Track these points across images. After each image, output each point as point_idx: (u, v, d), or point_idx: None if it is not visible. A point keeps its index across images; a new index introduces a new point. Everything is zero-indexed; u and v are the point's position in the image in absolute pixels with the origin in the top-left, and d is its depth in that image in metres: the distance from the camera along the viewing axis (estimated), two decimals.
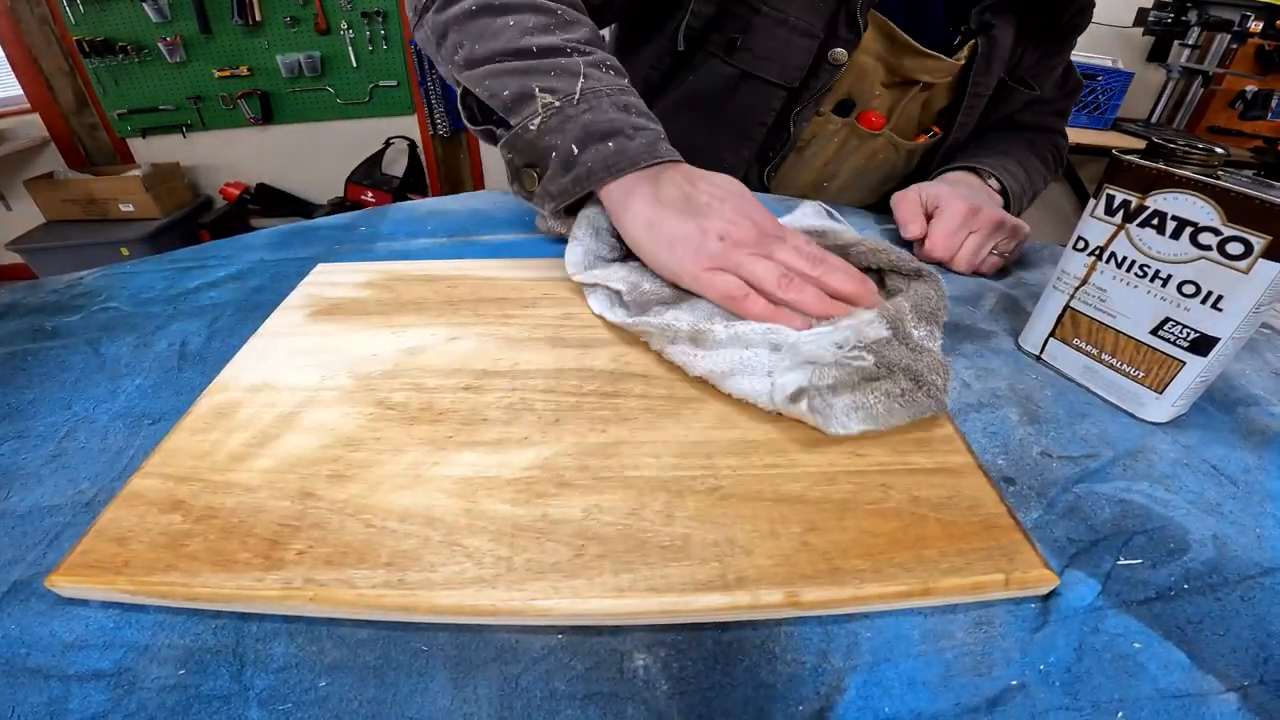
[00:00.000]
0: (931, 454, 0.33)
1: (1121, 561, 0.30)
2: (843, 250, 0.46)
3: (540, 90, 0.45)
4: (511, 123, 0.47)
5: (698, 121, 0.73)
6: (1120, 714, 0.24)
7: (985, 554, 0.28)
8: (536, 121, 0.45)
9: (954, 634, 0.27)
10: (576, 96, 0.45)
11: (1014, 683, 0.25)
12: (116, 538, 0.28)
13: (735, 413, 0.36)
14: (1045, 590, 0.28)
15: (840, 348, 0.36)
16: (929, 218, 0.60)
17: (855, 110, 0.74)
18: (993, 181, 0.70)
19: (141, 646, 0.25)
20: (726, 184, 0.46)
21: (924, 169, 0.82)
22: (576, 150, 0.44)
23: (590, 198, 0.48)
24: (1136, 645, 0.26)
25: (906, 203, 0.62)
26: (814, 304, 0.40)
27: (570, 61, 0.47)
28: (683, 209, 0.44)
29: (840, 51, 0.67)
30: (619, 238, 0.48)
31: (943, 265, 0.58)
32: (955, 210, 0.57)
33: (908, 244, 0.61)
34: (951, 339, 0.46)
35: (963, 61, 0.71)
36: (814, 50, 0.67)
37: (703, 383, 0.38)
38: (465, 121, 0.54)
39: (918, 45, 0.67)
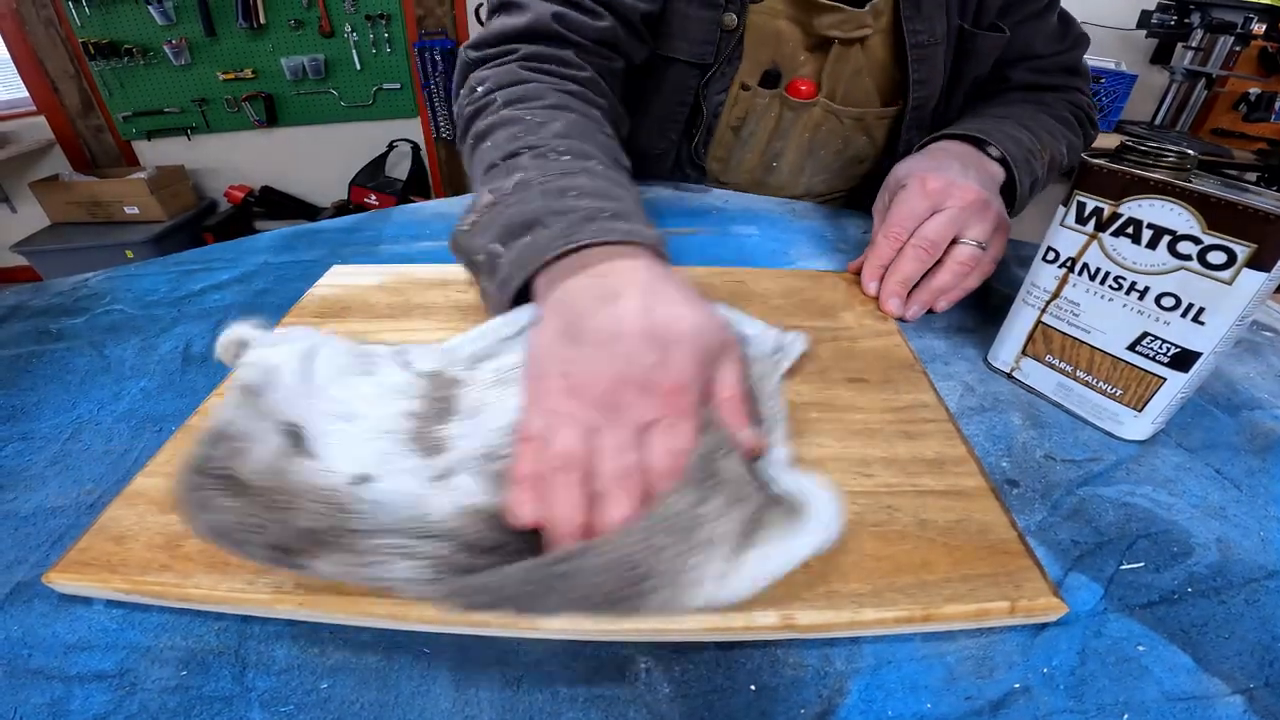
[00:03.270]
0: (943, 476, 0.33)
1: (1125, 565, 0.30)
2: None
3: (486, 191, 0.42)
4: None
5: (631, 113, 0.70)
6: (1125, 716, 0.24)
7: (991, 580, 0.27)
8: (469, 221, 0.41)
9: (955, 637, 0.26)
10: (508, 190, 0.41)
11: (1017, 686, 0.25)
12: (115, 536, 0.28)
13: None
14: (1053, 618, 0.27)
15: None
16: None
17: (783, 81, 0.70)
18: (991, 150, 0.57)
19: (143, 648, 0.25)
20: (661, 310, 0.31)
21: (894, 146, 0.76)
22: (499, 249, 0.38)
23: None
24: (1140, 648, 0.26)
25: (876, 209, 0.55)
26: (561, 513, 0.26)
27: (517, 161, 0.44)
28: (566, 326, 0.32)
29: (730, 17, 0.64)
30: None
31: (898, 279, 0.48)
32: (914, 191, 0.49)
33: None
34: (954, 342, 0.46)
35: (873, 11, 0.64)
36: (717, 21, 0.65)
37: None
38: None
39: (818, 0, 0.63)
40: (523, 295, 0.37)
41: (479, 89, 0.54)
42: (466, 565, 0.25)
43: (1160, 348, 0.34)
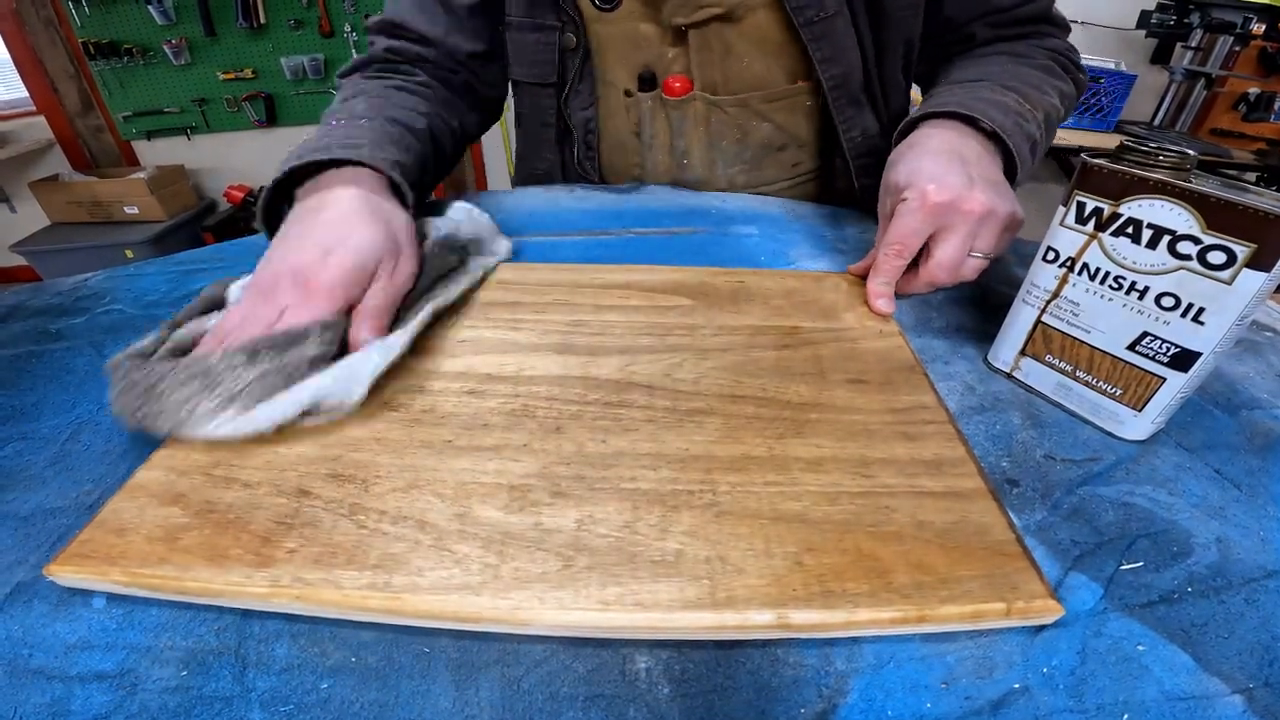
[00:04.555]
0: (941, 477, 0.32)
1: (1124, 565, 0.30)
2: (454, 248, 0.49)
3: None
4: None
5: (520, 138, 0.79)
6: (1126, 716, 0.24)
7: (987, 581, 0.27)
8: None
9: (956, 637, 0.26)
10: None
11: (1016, 686, 0.25)
12: (116, 529, 0.28)
13: (739, 428, 0.36)
14: (1049, 620, 0.27)
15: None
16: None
17: (659, 81, 0.70)
18: (983, 125, 0.52)
19: (144, 648, 0.25)
20: (309, 235, 0.41)
21: (830, 129, 0.70)
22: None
23: None
24: (1140, 648, 0.26)
25: (881, 213, 0.52)
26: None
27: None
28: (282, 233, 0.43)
29: (569, 37, 0.68)
30: None
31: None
32: (915, 206, 0.46)
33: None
34: (954, 341, 0.46)
35: None
36: (554, 42, 0.68)
37: (708, 396, 0.38)
38: None
39: None
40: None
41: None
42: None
43: (1160, 347, 0.34)
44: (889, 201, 0.51)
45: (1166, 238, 0.33)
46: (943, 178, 0.46)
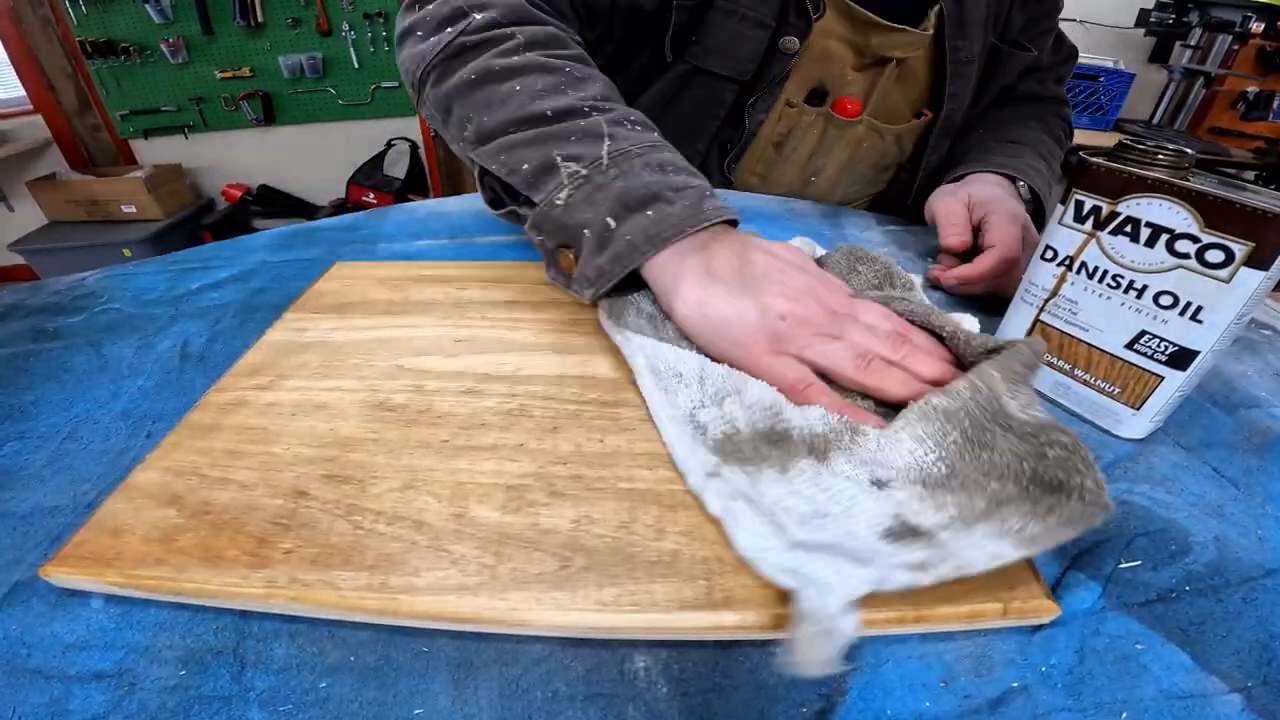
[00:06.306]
0: None
1: (1123, 564, 0.30)
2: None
3: (563, 159, 0.41)
4: (536, 200, 0.42)
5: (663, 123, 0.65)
6: (1124, 715, 0.24)
7: (984, 581, 0.26)
8: (564, 195, 0.40)
9: (954, 636, 0.26)
10: (605, 161, 0.40)
11: (1015, 684, 0.25)
12: (112, 530, 0.28)
13: None
14: (1046, 620, 0.27)
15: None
16: (976, 229, 0.56)
17: (829, 99, 0.71)
18: (1022, 188, 0.65)
19: (142, 647, 0.25)
20: (783, 252, 0.40)
21: (920, 153, 0.78)
22: (613, 223, 0.39)
23: (632, 276, 0.41)
24: (1139, 646, 0.26)
25: (952, 209, 0.57)
26: (898, 389, 0.34)
27: (591, 122, 0.42)
28: (736, 282, 0.37)
29: (791, 40, 0.64)
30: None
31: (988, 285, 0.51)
32: (1011, 219, 0.54)
33: (940, 254, 0.58)
34: None
35: (932, 30, 0.66)
36: (765, 40, 0.64)
37: None
38: (486, 205, 0.49)
39: (881, 20, 0.63)
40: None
41: (478, 16, 0.48)
42: None
43: (1158, 346, 0.34)
44: (965, 211, 0.57)
45: (1165, 236, 0.33)
46: (1018, 209, 0.56)
